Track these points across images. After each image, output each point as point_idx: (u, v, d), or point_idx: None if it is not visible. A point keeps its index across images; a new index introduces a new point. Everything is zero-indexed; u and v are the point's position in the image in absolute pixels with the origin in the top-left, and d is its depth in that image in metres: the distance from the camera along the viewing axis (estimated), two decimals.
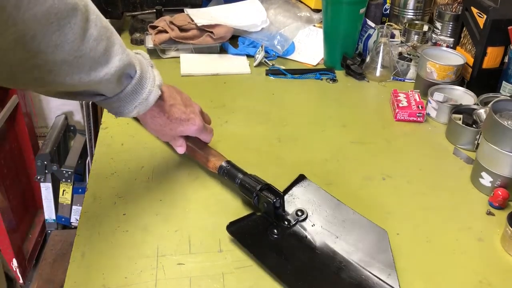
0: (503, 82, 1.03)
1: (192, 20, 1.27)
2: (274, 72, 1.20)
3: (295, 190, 0.77)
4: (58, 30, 0.51)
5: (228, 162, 0.78)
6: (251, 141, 0.94)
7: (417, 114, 1.00)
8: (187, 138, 0.83)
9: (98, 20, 0.57)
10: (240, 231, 0.69)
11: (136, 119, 0.83)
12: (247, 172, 0.76)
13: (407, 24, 1.33)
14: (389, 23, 1.41)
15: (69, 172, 1.81)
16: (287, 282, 0.63)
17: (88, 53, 0.56)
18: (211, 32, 1.24)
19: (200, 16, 1.30)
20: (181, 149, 0.82)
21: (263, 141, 0.94)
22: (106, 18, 1.39)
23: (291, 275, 0.64)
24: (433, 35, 1.31)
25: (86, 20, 0.55)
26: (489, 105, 0.83)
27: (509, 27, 1.01)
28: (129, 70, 0.64)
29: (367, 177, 0.84)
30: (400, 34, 1.34)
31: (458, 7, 1.29)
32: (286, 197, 0.75)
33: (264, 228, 0.71)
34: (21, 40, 0.49)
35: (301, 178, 0.79)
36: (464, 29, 1.13)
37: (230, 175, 0.76)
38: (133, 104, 0.67)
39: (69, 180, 1.83)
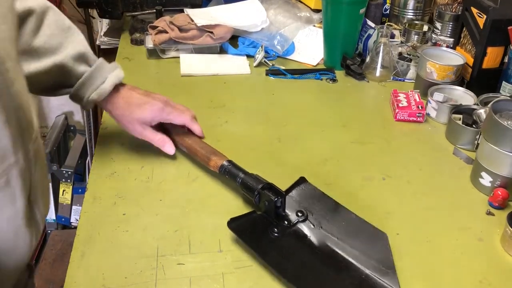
0: (503, 82, 1.03)
1: (192, 20, 1.27)
2: (274, 72, 1.20)
3: (295, 192, 0.77)
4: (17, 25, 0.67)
5: (230, 161, 0.79)
6: (251, 141, 0.94)
7: (417, 114, 1.00)
8: (185, 135, 0.84)
9: (54, 24, 0.77)
10: (240, 228, 0.69)
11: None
12: (248, 172, 0.76)
13: (407, 24, 1.33)
14: (389, 23, 1.41)
15: (69, 172, 1.81)
16: (288, 278, 0.62)
17: (43, 45, 0.76)
18: (211, 32, 1.24)
19: (200, 16, 1.30)
20: (167, 147, 0.85)
21: (263, 141, 0.94)
22: (106, 18, 1.41)
23: (291, 272, 0.64)
24: (433, 35, 1.31)
25: (41, 21, 0.76)
26: (489, 105, 0.83)
27: (509, 27, 1.01)
28: (86, 59, 0.81)
29: (367, 177, 0.84)
30: (400, 34, 1.34)
31: (458, 7, 1.29)
32: (286, 198, 0.74)
33: (265, 227, 0.71)
34: None
35: (301, 180, 0.78)
36: (464, 29, 1.13)
37: (232, 174, 0.76)
38: (92, 88, 0.80)
39: (69, 180, 1.83)
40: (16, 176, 0.53)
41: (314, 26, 1.37)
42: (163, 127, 0.88)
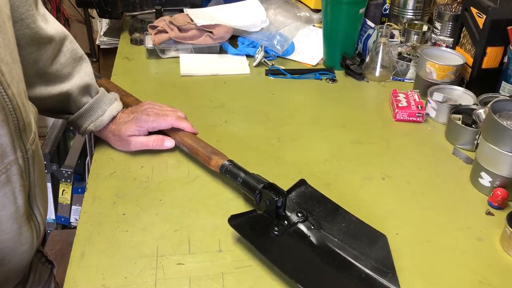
0: (503, 82, 1.03)
1: (192, 20, 1.27)
2: (273, 72, 1.20)
3: (296, 193, 0.76)
4: (37, 50, 0.74)
5: (231, 161, 0.79)
6: (251, 141, 0.94)
7: (417, 114, 1.00)
8: (185, 135, 0.84)
9: (69, 53, 0.81)
10: (241, 225, 0.69)
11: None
12: (249, 171, 0.76)
13: (406, 24, 1.33)
14: (388, 23, 1.41)
15: (69, 172, 1.81)
16: (289, 274, 0.62)
17: (55, 72, 0.79)
18: (211, 32, 1.24)
19: (200, 16, 1.30)
20: (166, 143, 0.86)
21: (262, 141, 0.94)
22: (106, 18, 1.41)
23: (292, 269, 0.64)
24: (433, 35, 1.31)
25: (58, 50, 0.79)
26: (489, 105, 0.83)
27: (508, 27, 1.01)
28: (90, 91, 0.85)
29: (366, 177, 0.84)
30: (400, 34, 1.34)
31: (458, 7, 1.30)
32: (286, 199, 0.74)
33: (265, 226, 0.71)
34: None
35: (301, 182, 0.78)
36: (464, 29, 1.13)
37: (232, 174, 0.76)
38: (91, 119, 0.85)
39: (68, 180, 1.82)
40: (15, 173, 0.55)
41: (314, 26, 1.37)
42: (161, 131, 0.88)
